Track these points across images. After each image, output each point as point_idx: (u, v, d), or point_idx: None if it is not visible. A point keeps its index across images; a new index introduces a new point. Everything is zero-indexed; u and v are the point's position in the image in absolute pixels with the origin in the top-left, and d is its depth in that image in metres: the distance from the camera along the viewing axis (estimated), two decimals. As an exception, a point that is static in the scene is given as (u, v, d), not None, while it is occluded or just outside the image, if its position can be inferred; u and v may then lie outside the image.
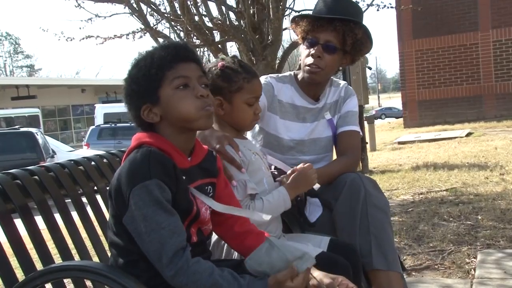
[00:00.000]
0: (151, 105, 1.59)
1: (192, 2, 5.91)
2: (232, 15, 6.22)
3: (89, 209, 2.17)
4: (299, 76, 2.58)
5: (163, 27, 6.95)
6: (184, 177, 1.59)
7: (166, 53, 1.59)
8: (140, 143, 1.59)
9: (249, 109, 2.07)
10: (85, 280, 1.89)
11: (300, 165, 2.11)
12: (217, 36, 6.29)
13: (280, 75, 2.66)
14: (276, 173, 2.24)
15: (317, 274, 1.71)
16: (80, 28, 7.10)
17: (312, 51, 2.44)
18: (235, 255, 1.95)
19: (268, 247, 1.53)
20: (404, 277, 2.35)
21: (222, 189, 1.77)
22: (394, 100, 63.94)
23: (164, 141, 1.60)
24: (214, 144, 1.96)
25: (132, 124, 1.74)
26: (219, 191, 1.76)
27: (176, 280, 1.44)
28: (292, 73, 2.65)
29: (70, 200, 2.05)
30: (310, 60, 2.45)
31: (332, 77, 2.63)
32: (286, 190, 2.04)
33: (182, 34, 6.24)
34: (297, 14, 2.63)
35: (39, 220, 1.84)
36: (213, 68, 2.05)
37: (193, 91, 1.60)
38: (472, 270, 3.37)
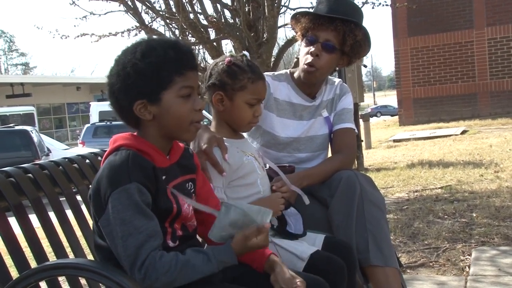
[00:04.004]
0: (148, 102, 1.56)
1: (187, 0, 5.90)
2: (227, 13, 6.22)
3: (83, 207, 2.16)
4: (296, 74, 2.58)
5: (158, 24, 6.91)
6: (164, 177, 1.59)
7: (178, 57, 1.56)
8: (118, 146, 1.58)
9: (249, 110, 2.05)
10: (79, 278, 1.89)
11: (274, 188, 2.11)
12: (212, 34, 6.28)
13: (276, 73, 2.66)
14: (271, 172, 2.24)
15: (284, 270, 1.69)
16: (74, 26, 7.01)
17: (311, 49, 2.43)
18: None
19: (225, 209, 1.55)
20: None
21: (200, 186, 1.78)
22: (390, 98, 64.04)
23: (143, 142, 1.59)
24: (202, 144, 1.95)
25: None
26: (198, 188, 1.76)
27: (146, 280, 1.43)
28: (288, 71, 2.65)
29: (64, 198, 2.05)
30: (308, 58, 2.44)
31: (327, 75, 2.63)
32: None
33: (177, 31, 6.23)
34: (298, 11, 2.63)
35: (33, 218, 1.84)
36: (220, 63, 2.04)
37: (193, 103, 1.60)
38: (467, 267, 3.39)
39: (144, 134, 1.62)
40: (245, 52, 2.14)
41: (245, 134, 2.56)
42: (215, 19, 5.80)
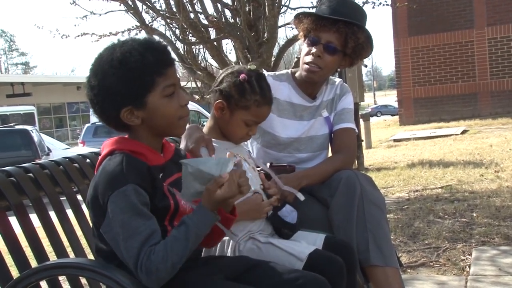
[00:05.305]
0: (135, 108, 1.56)
1: (187, 0, 5.90)
2: (227, 13, 6.21)
3: (84, 206, 2.16)
4: (297, 75, 2.58)
5: (159, 24, 6.90)
6: (161, 175, 1.60)
7: (157, 58, 1.55)
8: (111, 150, 1.58)
9: (245, 128, 2.07)
10: (80, 277, 1.89)
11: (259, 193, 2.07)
12: (213, 34, 6.28)
13: (277, 73, 2.66)
14: (263, 172, 2.24)
15: None
16: (75, 26, 7.01)
17: (313, 49, 2.43)
18: (229, 252, 1.95)
19: (184, 168, 1.53)
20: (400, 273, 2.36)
21: None
22: (390, 98, 64.03)
23: (135, 143, 1.60)
24: (189, 144, 1.97)
25: None
26: None
27: (149, 275, 1.44)
28: (289, 71, 2.64)
29: (65, 198, 2.05)
30: (309, 58, 2.44)
31: (328, 75, 2.63)
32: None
33: (177, 31, 6.23)
34: (301, 11, 2.62)
35: (33, 217, 1.84)
36: (236, 74, 2.05)
37: (179, 99, 1.60)
38: (467, 267, 3.39)
39: (136, 136, 1.62)
40: (265, 72, 2.13)
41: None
42: (215, 19, 5.79)
